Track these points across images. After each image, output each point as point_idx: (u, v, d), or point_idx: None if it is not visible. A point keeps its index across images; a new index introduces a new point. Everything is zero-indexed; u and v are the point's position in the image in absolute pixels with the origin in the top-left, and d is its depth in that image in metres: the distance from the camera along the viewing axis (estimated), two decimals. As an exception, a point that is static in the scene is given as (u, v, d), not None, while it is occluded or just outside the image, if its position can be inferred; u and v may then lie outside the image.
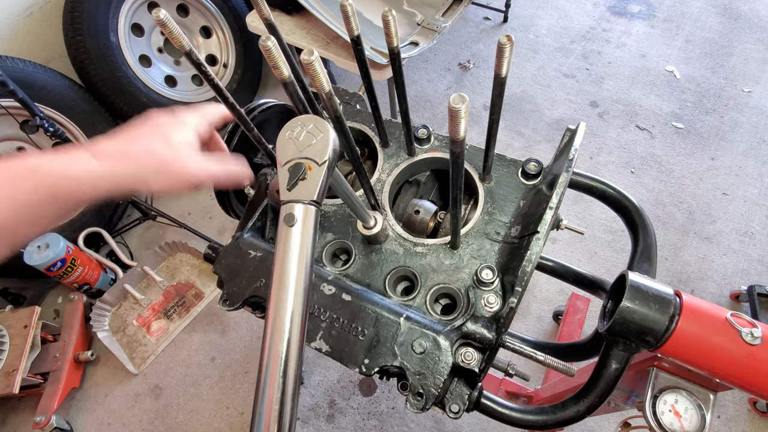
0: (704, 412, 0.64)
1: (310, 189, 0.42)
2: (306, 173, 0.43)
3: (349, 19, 0.60)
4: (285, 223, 0.42)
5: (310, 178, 0.43)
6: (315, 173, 0.43)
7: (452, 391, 0.64)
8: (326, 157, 0.43)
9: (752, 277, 2.07)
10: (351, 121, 0.88)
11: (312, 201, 0.42)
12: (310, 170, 0.43)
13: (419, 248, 0.73)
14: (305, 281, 0.41)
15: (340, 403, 1.89)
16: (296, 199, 0.42)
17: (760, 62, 2.84)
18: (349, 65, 2.02)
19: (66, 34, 2.04)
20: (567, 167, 0.64)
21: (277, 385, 0.37)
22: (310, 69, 0.47)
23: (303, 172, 0.43)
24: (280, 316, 0.39)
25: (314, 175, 0.43)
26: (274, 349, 0.38)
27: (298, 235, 0.41)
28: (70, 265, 1.93)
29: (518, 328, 2.03)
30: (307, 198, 0.42)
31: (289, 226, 0.42)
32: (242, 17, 2.49)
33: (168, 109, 0.60)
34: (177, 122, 0.58)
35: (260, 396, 0.37)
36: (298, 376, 0.39)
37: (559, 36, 3.09)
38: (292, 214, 0.42)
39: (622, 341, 0.61)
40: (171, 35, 0.53)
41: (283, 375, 0.37)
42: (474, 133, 2.64)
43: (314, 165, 0.43)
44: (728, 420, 1.76)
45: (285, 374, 0.38)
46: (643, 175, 2.42)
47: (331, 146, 0.43)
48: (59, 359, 1.87)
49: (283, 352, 0.38)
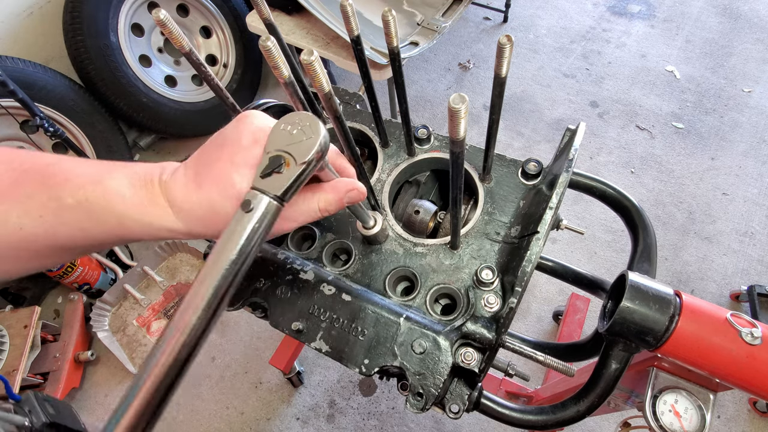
0: (704, 412, 0.64)
1: (280, 184, 0.42)
2: (283, 168, 0.42)
3: (349, 19, 0.60)
4: (242, 207, 0.42)
5: (285, 174, 0.42)
6: (290, 171, 0.42)
7: (452, 391, 0.64)
8: (306, 158, 0.42)
9: (752, 277, 2.07)
10: (351, 121, 0.88)
11: (276, 196, 0.42)
12: (288, 166, 0.43)
13: (419, 248, 0.73)
14: (237, 268, 0.40)
15: (340, 403, 1.89)
16: (263, 189, 0.42)
17: (760, 62, 2.84)
18: (349, 65, 2.02)
19: (66, 34, 2.04)
20: (567, 167, 0.64)
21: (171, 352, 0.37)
22: (310, 69, 0.47)
23: (280, 166, 0.42)
24: (200, 293, 0.39)
25: (289, 172, 0.42)
26: (182, 322, 0.38)
27: (249, 225, 0.41)
28: (70, 265, 1.93)
29: (518, 328, 2.03)
30: (273, 192, 0.42)
31: (244, 212, 0.41)
32: (242, 17, 2.49)
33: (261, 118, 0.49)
34: (255, 159, 0.46)
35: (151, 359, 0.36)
36: (194, 354, 0.38)
37: (559, 36, 3.09)
38: (250, 201, 0.42)
39: (622, 341, 0.61)
40: (171, 35, 0.53)
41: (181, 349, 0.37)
42: (474, 133, 2.64)
43: (293, 163, 0.43)
44: (728, 420, 1.76)
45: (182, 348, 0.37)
46: (643, 175, 2.42)
47: (315, 150, 0.43)
48: (59, 359, 1.87)
49: (189, 326, 0.37)
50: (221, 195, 0.45)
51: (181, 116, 2.38)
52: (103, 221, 0.45)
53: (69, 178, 0.45)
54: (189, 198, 0.46)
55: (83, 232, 0.46)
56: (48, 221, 0.44)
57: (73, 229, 0.45)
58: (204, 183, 0.46)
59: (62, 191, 0.44)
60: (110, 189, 0.45)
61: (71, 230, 0.45)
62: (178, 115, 2.37)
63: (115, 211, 0.45)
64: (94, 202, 0.45)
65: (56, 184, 0.45)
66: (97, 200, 0.45)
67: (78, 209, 0.45)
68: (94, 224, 0.46)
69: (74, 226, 0.45)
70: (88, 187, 0.45)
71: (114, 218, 0.45)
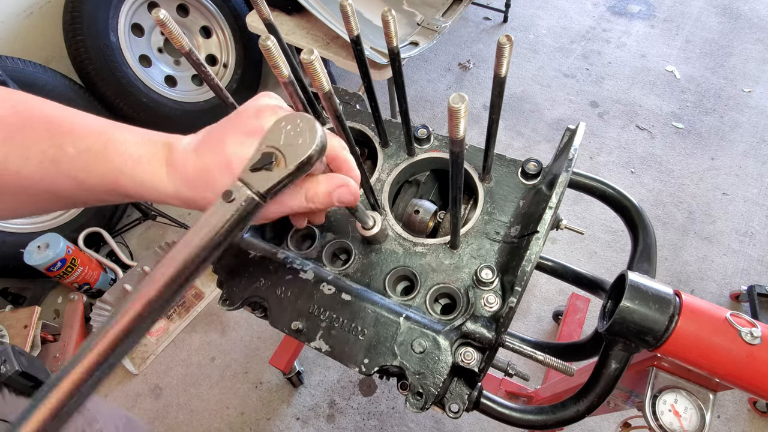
0: (704, 411, 0.64)
1: (266, 181, 0.42)
2: (273, 166, 0.43)
3: (349, 19, 0.60)
4: (223, 197, 0.42)
5: (274, 172, 0.42)
6: (279, 171, 0.43)
7: (452, 390, 0.64)
8: (297, 162, 0.42)
9: (752, 277, 2.07)
10: (351, 121, 0.88)
11: (258, 192, 0.42)
12: (278, 166, 0.43)
13: (419, 248, 0.73)
14: (204, 254, 0.41)
15: (340, 403, 1.89)
16: (248, 182, 0.42)
17: (760, 62, 2.84)
18: (349, 65, 2.02)
19: (66, 34, 2.04)
20: (567, 167, 0.64)
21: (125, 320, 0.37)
22: (310, 69, 0.47)
23: (271, 164, 0.43)
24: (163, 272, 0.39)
25: (278, 171, 0.43)
26: (140, 294, 0.38)
27: (226, 215, 0.41)
28: (70, 265, 1.93)
29: (518, 327, 2.03)
30: (257, 188, 0.42)
31: (225, 202, 0.42)
32: (242, 17, 2.49)
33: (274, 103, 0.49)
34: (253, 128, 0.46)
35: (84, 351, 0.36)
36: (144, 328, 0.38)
37: (559, 36, 3.09)
38: (231, 192, 0.42)
39: (621, 341, 0.61)
40: (171, 35, 0.53)
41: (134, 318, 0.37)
42: (474, 133, 2.64)
43: (283, 163, 0.43)
44: (728, 420, 1.76)
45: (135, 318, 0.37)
46: (643, 175, 2.42)
47: (307, 154, 0.43)
48: (59, 359, 1.87)
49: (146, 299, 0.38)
50: (213, 159, 0.46)
51: (181, 116, 2.38)
52: (98, 174, 0.46)
53: (74, 128, 0.46)
54: (185, 160, 0.46)
55: (77, 182, 0.46)
56: (45, 168, 0.45)
57: (68, 178, 0.46)
58: (202, 147, 0.47)
59: (65, 140, 0.45)
60: (114, 140, 0.46)
61: (66, 179, 0.46)
62: (178, 115, 2.37)
63: (112, 164, 0.46)
64: (94, 153, 0.45)
65: (61, 133, 0.45)
66: (98, 151, 0.45)
67: (77, 159, 0.45)
68: (89, 175, 0.46)
69: (70, 175, 0.46)
70: (91, 138, 0.46)
71: (109, 172, 0.46)
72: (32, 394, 0.79)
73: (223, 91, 0.65)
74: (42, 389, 0.35)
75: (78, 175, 0.46)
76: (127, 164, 0.46)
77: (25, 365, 0.78)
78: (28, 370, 0.77)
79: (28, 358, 0.81)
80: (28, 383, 0.77)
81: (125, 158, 0.46)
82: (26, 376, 0.77)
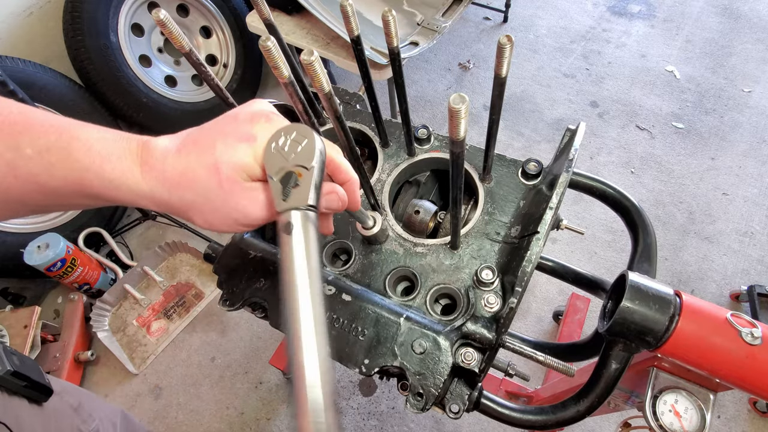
0: (704, 412, 0.64)
1: (304, 195, 0.42)
2: (297, 180, 0.43)
3: (349, 19, 0.60)
4: (284, 232, 0.42)
5: (302, 185, 0.43)
6: (306, 179, 0.43)
7: (452, 391, 0.64)
8: (314, 161, 0.43)
9: (752, 277, 2.06)
10: (351, 121, 0.88)
11: (308, 206, 0.42)
12: (301, 176, 0.43)
13: (419, 248, 0.73)
14: (317, 286, 0.40)
15: (340, 403, 1.89)
16: (293, 206, 0.42)
17: (760, 62, 2.84)
18: (349, 65, 2.02)
19: (66, 34, 2.04)
20: (567, 167, 0.64)
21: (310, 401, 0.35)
22: (310, 69, 0.47)
23: (294, 180, 0.43)
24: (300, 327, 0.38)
25: (305, 180, 0.43)
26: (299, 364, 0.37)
27: (300, 242, 0.41)
28: (70, 265, 1.93)
29: (518, 328, 2.03)
30: (303, 204, 0.42)
31: (287, 234, 0.41)
32: (242, 17, 2.49)
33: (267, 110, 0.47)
34: (245, 135, 0.44)
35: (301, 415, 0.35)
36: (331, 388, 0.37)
37: (559, 36, 3.09)
38: (290, 222, 0.42)
39: (622, 341, 0.61)
40: (171, 35, 0.53)
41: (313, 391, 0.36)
42: (474, 133, 2.64)
43: (304, 171, 0.43)
44: (728, 420, 1.76)
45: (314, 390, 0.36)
46: (643, 175, 2.42)
47: (317, 149, 0.43)
48: (59, 359, 1.87)
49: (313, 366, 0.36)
50: (198, 160, 0.43)
51: (181, 116, 2.38)
52: (61, 175, 0.42)
53: (32, 127, 0.42)
54: (164, 159, 0.44)
55: (38, 185, 0.43)
56: (0, 172, 0.41)
57: (26, 182, 0.42)
58: (185, 148, 0.44)
59: (22, 140, 0.41)
60: (77, 138, 0.42)
61: (26, 183, 0.42)
62: (178, 115, 2.37)
63: (76, 162, 0.42)
64: (54, 153, 0.42)
65: (17, 132, 0.42)
66: (59, 150, 0.42)
67: (36, 160, 0.42)
68: (51, 177, 0.42)
69: (29, 179, 0.42)
70: (52, 136, 0.42)
71: (74, 171, 0.42)
72: (26, 393, 0.79)
73: (223, 91, 0.65)
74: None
75: (38, 179, 0.42)
76: (95, 162, 0.42)
77: (17, 365, 0.76)
78: (20, 370, 0.76)
79: (20, 357, 0.80)
80: (21, 383, 0.76)
81: (92, 155, 0.42)
82: (18, 376, 0.76)
